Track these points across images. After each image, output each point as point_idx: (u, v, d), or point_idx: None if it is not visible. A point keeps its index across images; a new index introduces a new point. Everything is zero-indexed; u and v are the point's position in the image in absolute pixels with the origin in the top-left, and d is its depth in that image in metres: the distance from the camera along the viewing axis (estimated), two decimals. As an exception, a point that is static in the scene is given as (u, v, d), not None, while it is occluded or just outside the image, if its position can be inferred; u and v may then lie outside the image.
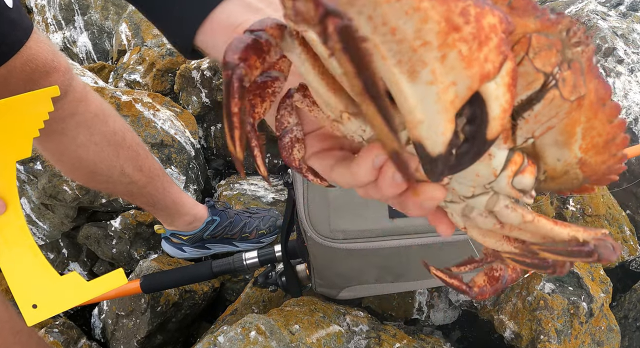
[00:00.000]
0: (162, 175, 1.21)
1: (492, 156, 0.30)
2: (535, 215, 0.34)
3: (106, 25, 2.38)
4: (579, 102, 0.28)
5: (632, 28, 1.97)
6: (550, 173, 0.33)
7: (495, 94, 0.23)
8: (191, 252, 1.39)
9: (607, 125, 0.30)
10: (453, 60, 0.21)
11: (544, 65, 0.26)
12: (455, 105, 0.22)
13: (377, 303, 1.27)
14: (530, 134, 0.30)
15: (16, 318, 0.88)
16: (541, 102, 0.28)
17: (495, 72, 0.22)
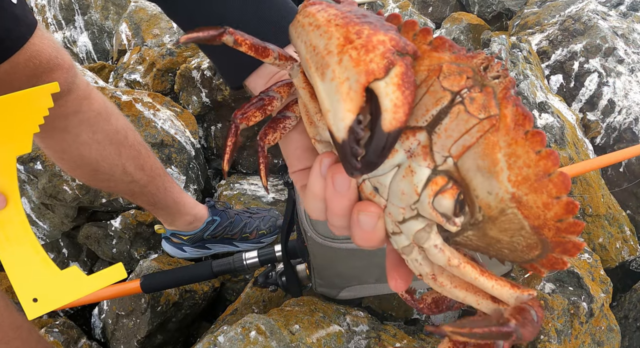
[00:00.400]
0: (163, 175, 1.21)
1: (414, 172, 0.33)
2: (463, 261, 0.34)
3: (106, 25, 2.38)
4: (491, 123, 0.30)
5: (632, 28, 1.97)
6: (486, 210, 0.32)
7: (385, 91, 0.28)
8: (191, 252, 1.39)
9: (533, 155, 0.30)
10: (346, 61, 0.29)
11: (451, 85, 0.31)
12: (350, 96, 0.29)
13: (377, 303, 1.27)
14: (447, 151, 0.32)
15: (16, 315, 0.88)
16: (448, 115, 0.31)
17: (382, 72, 0.28)
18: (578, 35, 1.90)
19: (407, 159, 0.33)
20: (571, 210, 0.30)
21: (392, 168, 0.34)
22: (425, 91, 0.32)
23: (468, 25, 2.36)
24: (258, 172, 0.42)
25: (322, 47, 0.30)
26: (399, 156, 0.33)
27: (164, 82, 1.85)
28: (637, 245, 1.54)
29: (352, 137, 0.29)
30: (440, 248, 0.34)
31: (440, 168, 0.32)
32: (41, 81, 0.89)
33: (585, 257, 1.25)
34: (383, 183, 0.34)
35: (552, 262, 0.32)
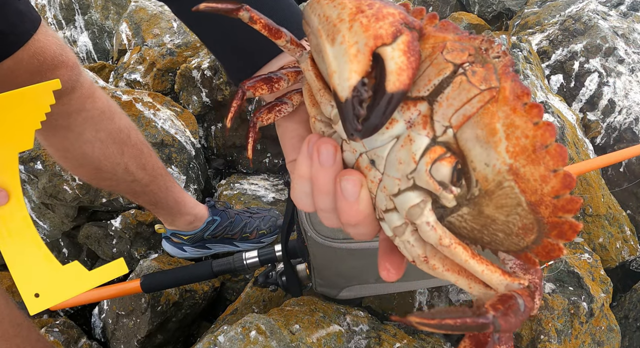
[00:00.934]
0: (165, 175, 1.21)
1: (413, 141, 0.33)
2: (454, 242, 0.34)
3: (106, 24, 2.38)
4: (491, 94, 0.31)
5: (632, 28, 1.97)
6: (482, 183, 0.32)
7: (391, 55, 0.30)
8: (192, 252, 1.39)
9: (531, 125, 0.30)
10: (356, 27, 0.31)
11: (453, 58, 0.32)
12: (358, 58, 0.30)
13: (377, 303, 1.27)
14: (447, 120, 0.32)
15: (17, 313, 0.88)
16: (450, 85, 0.32)
17: (389, 38, 0.30)
18: (578, 35, 1.90)
19: (406, 130, 0.34)
20: (568, 185, 0.30)
21: (391, 139, 0.34)
22: (429, 64, 0.33)
23: (468, 25, 2.36)
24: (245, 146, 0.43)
25: (335, 16, 0.32)
26: (399, 126, 0.34)
27: (164, 82, 1.85)
28: (637, 245, 1.54)
29: (356, 97, 0.30)
30: (433, 226, 0.34)
31: (440, 139, 0.33)
32: (45, 78, 0.89)
33: (586, 257, 1.25)
34: (381, 154, 0.35)
35: (548, 249, 0.32)
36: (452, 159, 0.32)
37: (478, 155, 0.32)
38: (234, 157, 1.79)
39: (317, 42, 0.34)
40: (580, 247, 1.28)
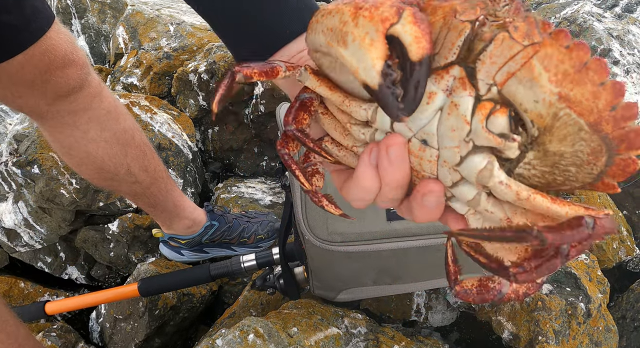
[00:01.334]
0: (166, 178, 1.21)
1: (458, 105, 0.33)
2: (531, 192, 0.34)
3: (103, 28, 2.38)
4: (535, 49, 0.31)
5: (627, 29, 1.98)
6: (539, 121, 0.32)
7: (403, 30, 0.31)
8: (189, 256, 1.39)
9: (564, 50, 0.30)
10: (362, 21, 0.32)
11: (467, 17, 0.33)
12: (374, 45, 0.31)
13: (376, 305, 1.27)
14: (491, 78, 0.32)
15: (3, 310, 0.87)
16: (492, 43, 0.32)
17: (395, 17, 0.31)
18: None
19: (447, 98, 0.34)
20: (619, 92, 0.30)
21: (435, 113, 0.35)
22: (447, 31, 0.33)
23: (464, 28, 2.37)
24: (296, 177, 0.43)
25: (338, 22, 0.33)
26: (439, 98, 0.34)
27: (161, 86, 1.85)
28: (633, 246, 1.55)
29: (387, 79, 0.31)
30: (507, 184, 0.34)
31: (484, 97, 0.33)
32: (54, 76, 0.89)
33: (583, 258, 1.26)
34: (430, 131, 0.35)
35: (623, 166, 0.31)
36: (504, 109, 0.32)
37: (525, 96, 0.32)
38: (231, 160, 1.79)
39: (331, 54, 0.35)
40: (577, 248, 1.28)
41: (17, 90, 0.89)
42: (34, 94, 0.90)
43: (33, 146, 1.41)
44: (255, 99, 1.64)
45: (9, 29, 0.79)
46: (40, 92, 0.91)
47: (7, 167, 1.42)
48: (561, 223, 0.32)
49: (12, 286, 1.45)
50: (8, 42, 0.81)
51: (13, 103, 0.94)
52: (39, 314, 1.22)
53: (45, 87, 0.90)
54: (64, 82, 0.91)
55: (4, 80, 0.85)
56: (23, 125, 1.53)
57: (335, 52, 0.33)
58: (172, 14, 2.12)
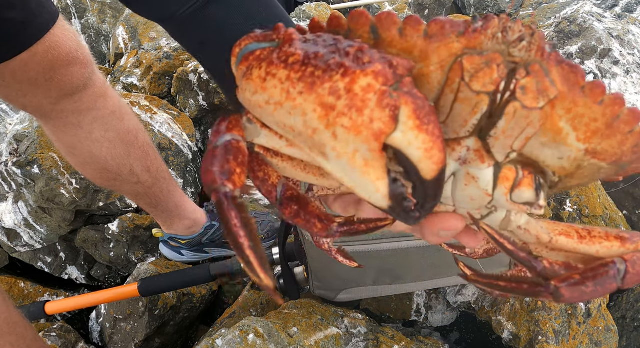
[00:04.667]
0: (168, 178, 1.21)
1: (476, 178, 0.29)
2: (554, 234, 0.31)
3: (103, 28, 2.38)
4: (553, 105, 0.27)
5: (627, 29, 1.98)
6: (560, 172, 0.30)
7: (406, 142, 0.24)
8: (189, 256, 1.39)
9: (597, 108, 0.27)
10: (342, 134, 0.23)
11: (483, 85, 0.26)
12: (371, 165, 0.24)
13: (376, 305, 1.27)
14: (508, 148, 0.28)
15: (13, 311, 0.87)
16: (503, 118, 0.27)
17: (391, 126, 0.23)
18: (574, 36, 1.91)
19: (460, 167, 0.30)
20: None
21: (447, 179, 0.30)
22: (454, 99, 0.27)
23: (464, 28, 2.37)
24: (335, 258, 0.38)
25: (302, 125, 0.25)
26: (451, 167, 0.30)
27: (161, 86, 1.85)
28: (634, 246, 1.55)
29: (397, 200, 0.25)
30: (525, 229, 0.32)
31: (503, 162, 0.30)
32: (58, 74, 0.88)
33: (582, 258, 1.26)
34: (444, 196, 0.32)
35: (632, 170, 0.30)
36: (529, 178, 0.29)
37: (549, 156, 0.29)
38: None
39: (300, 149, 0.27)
40: (577, 247, 1.28)
41: (21, 89, 0.88)
42: (38, 92, 0.90)
43: (33, 146, 1.41)
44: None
45: (13, 25, 0.78)
46: (44, 91, 0.90)
47: (7, 167, 1.42)
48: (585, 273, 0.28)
49: (12, 286, 1.45)
50: (13, 39, 0.80)
51: (17, 101, 0.93)
52: (39, 314, 1.22)
53: (49, 85, 0.89)
54: (68, 81, 0.91)
55: (7, 78, 0.84)
56: (23, 125, 1.53)
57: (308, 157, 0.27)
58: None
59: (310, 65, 0.24)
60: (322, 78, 0.24)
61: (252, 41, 0.28)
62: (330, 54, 0.24)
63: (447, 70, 0.26)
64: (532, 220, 0.32)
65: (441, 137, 0.24)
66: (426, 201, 0.26)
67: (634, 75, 1.86)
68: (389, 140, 0.24)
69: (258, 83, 0.26)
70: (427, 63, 0.26)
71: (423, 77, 0.27)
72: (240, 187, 0.27)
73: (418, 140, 0.23)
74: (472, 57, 0.26)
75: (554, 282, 0.28)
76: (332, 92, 0.23)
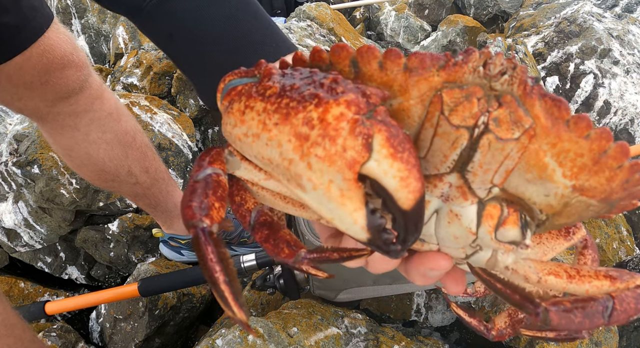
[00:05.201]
0: (167, 178, 1.21)
1: (460, 216, 0.29)
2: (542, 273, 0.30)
3: (103, 28, 2.38)
4: (529, 135, 0.26)
5: (627, 29, 1.98)
6: (548, 210, 0.29)
7: (381, 171, 0.23)
8: (189, 256, 1.39)
9: (583, 142, 0.27)
10: (316, 164, 0.23)
11: (463, 119, 0.25)
12: (347, 196, 0.23)
13: (376, 305, 1.27)
14: (488, 183, 0.28)
15: (11, 313, 0.87)
16: (478, 151, 0.26)
17: (364, 154, 0.23)
18: (573, 36, 1.91)
19: (443, 203, 0.29)
20: (637, 169, 0.27)
21: (430, 216, 0.30)
22: (433, 134, 0.26)
23: (464, 28, 2.37)
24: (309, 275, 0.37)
25: (278, 157, 0.25)
26: (433, 204, 0.29)
27: (161, 86, 1.85)
28: (633, 246, 1.55)
29: (376, 232, 0.25)
30: (512, 269, 0.31)
31: (487, 199, 0.29)
32: (53, 77, 0.88)
33: (582, 258, 1.26)
34: (427, 233, 0.31)
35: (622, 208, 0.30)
36: (514, 215, 0.29)
37: (535, 192, 0.28)
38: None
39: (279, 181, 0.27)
40: (577, 248, 1.28)
41: (16, 92, 0.88)
42: (34, 95, 0.90)
43: (33, 146, 1.41)
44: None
45: (7, 29, 0.79)
46: (40, 94, 0.90)
47: (7, 167, 1.42)
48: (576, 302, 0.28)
49: (12, 286, 1.45)
50: (6, 43, 0.80)
51: (13, 105, 0.93)
52: (39, 314, 1.22)
53: (44, 88, 0.89)
54: (64, 84, 0.91)
55: (2, 82, 0.84)
56: (23, 125, 1.53)
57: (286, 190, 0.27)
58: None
59: (285, 96, 0.24)
60: (296, 109, 0.24)
61: (235, 77, 0.28)
62: (306, 85, 0.24)
63: (427, 104, 0.26)
64: (520, 260, 0.31)
65: (417, 165, 0.24)
66: (407, 233, 0.25)
67: (634, 75, 1.86)
68: (364, 169, 0.23)
69: (237, 116, 0.26)
70: (407, 97, 0.26)
71: (403, 112, 0.27)
72: (218, 222, 0.27)
73: (393, 169, 0.23)
74: (452, 91, 0.26)
75: (545, 303, 0.28)
76: (306, 122, 0.23)
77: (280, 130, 0.24)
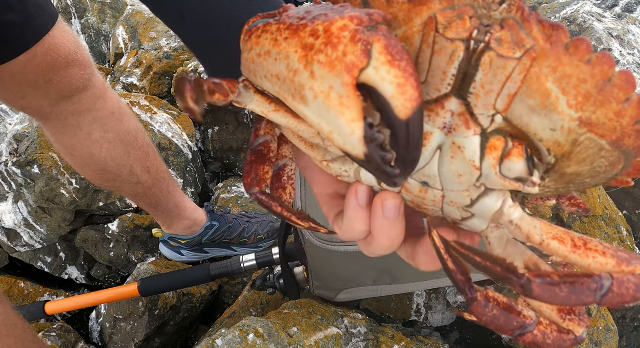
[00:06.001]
0: (168, 178, 1.21)
1: (463, 148, 0.28)
2: (546, 236, 0.29)
3: (103, 28, 2.38)
4: (531, 57, 0.26)
5: (627, 29, 1.98)
6: (556, 149, 0.28)
7: (379, 77, 0.24)
8: (189, 256, 1.39)
9: (584, 67, 0.26)
10: (318, 71, 0.24)
11: (457, 33, 0.26)
12: (346, 104, 0.24)
13: (375, 305, 1.27)
14: (492, 108, 0.27)
15: (12, 313, 0.87)
16: (480, 69, 0.26)
17: (363, 59, 0.24)
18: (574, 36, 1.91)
19: (446, 137, 0.28)
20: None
21: (433, 153, 0.29)
22: (431, 53, 0.27)
23: (464, 28, 2.37)
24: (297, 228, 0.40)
25: (285, 69, 0.26)
26: (436, 137, 0.29)
27: (161, 86, 1.85)
28: (633, 246, 1.55)
29: (374, 146, 0.25)
30: (517, 225, 0.30)
31: (490, 129, 0.28)
32: (57, 76, 0.88)
33: (582, 258, 1.26)
34: (430, 173, 0.30)
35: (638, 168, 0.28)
36: (519, 148, 0.28)
37: (540, 125, 0.27)
38: (231, 160, 1.79)
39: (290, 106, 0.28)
40: (577, 248, 1.28)
41: (19, 91, 0.88)
42: (37, 94, 0.90)
43: (33, 146, 1.41)
44: (255, 99, 1.64)
45: (12, 28, 0.78)
46: (44, 93, 0.90)
47: (7, 167, 1.42)
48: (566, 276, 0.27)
49: (12, 286, 1.45)
50: (11, 41, 0.79)
51: (16, 104, 0.93)
52: (39, 314, 1.22)
53: (48, 87, 0.89)
54: (68, 83, 0.91)
55: (6, 81, 0.84)
56: (23, 125, 1.54)
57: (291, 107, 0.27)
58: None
59: (298, 18, 0.26)
60: (305, 25, 0.26)
61: (258, 19, 0.30)
62: (318, 11, 0.26)
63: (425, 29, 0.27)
64: (527, 217, 0.30)
65: (415, 75, 0.24)
66: (406, 151, 0.25)
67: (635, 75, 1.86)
68: (363, 76, 0.24)
69: (254, 41, 0.28)
70: (410, 26, 0.27)
71: (407, 40, 0.28)
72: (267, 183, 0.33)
73: (390, 75, 0.24)
74: (445, 12, 0.26)
75: (529, 274, 0.27)
76: (312, 33, 0.25)
77: (289, 43, 0.26)
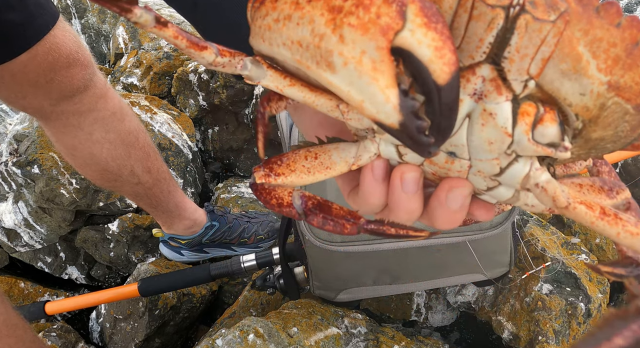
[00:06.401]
0: (169, 179, 1.21)
1: (494, 114, 0.28)
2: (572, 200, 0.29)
3: (103, 28, 2.38)
4: (565, 20, 0.25)
5: (627, 29, 1.98)
6: (584, 114, 0.28)
7: (415, 40, 0.23)
8: (189, 256, 1.39)
9: (615, 30, 0.26)
10: (349, 35, 0.23)
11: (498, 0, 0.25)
12: (380, 69, 0.23)
13: (376, 305, 1.27)
14: (525, 73, 0.27)
15: (12, 313, 0.87)
16: (515, 33, 0.25)
17: (399, 21, 0.22)
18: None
19: (476, 104, 0.28)
20: None
21: (462, 121, 0.28)
22: (468, 18, 0.26)
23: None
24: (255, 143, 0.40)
25: (309, 34, 0.24)
26: (466, 104, 0.28)
27: (161, 86, 1.85)
28: (634, 246, 1.55)
29: (409, 114, 0.24)
30: (543, 188, 0.29)
31: (522, 95, 0.27)
32: (58, 76, 0.88)
33: (583, 258, 1.26)
34: (458, 143, 0.29)
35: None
36: (551, 113, 0.27)
37: (570, 89, 0.27)
38: (231, 160, 1.79)
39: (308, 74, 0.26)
40: (577, 247, 1.28)
41: (20, 91, 0.88)
42: (38, 94, 0.89)
43: (33, 146, 1.41)
44: (255, 99, 1.64)
45: (13, 27, 0.78)
46: (45, 92, 0.90)
47: (7, 167, 1.42)
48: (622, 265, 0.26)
49: (12, 286, 1.45)
50: (12, 40, 0.79)
51: (17, 103, 0.93)
52: (39, 314, 1.22)
53: (49, 87, 0.89)
54: (69, 82, 0.90)
55: (7, 80, 0.84)
56: (23, 125, 1.54)
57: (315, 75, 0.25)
58: (172, 13, 2.12)
59: None
60: None
61: None
62: None
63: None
64: (554, 180, 0.30)
65: (451, 38, 0.23)
66: (442, 117, 0.24)
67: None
68: (398, 39, 0.23)
69: (269, 5, 0.26)
70: None
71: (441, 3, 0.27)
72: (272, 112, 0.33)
73: (427, 38, 0.22)
74: None
75: None
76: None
77: (314, 5, 0.24)
